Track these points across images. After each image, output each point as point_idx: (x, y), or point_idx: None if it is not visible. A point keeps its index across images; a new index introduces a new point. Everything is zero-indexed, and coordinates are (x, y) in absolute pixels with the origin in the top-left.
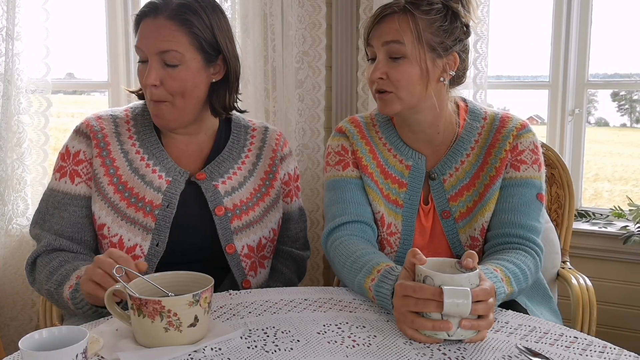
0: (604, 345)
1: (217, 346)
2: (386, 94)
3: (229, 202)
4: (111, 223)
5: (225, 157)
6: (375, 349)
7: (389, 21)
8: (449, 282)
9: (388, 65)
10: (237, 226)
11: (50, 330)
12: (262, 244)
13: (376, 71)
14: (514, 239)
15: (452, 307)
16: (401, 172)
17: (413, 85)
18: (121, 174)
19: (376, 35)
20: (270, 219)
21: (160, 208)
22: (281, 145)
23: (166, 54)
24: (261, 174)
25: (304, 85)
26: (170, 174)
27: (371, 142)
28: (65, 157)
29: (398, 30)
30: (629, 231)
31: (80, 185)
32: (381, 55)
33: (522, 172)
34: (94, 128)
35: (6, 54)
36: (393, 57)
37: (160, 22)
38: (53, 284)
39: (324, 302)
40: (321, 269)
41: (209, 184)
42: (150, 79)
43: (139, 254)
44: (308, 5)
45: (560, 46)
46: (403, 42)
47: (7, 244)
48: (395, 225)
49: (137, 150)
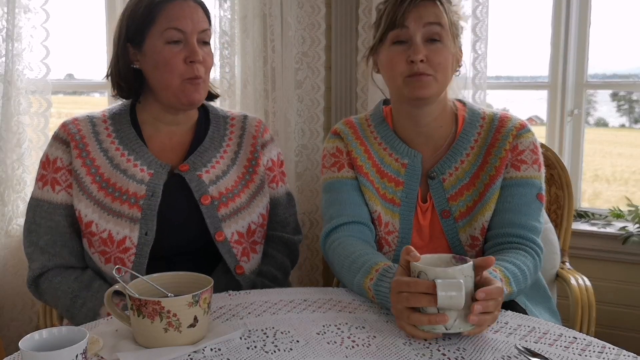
0: (603, 346)
1: (216, 347)
2: (425, 76)
3: (215, 190)
4: (98, 219)
5: (206, 147)
6: (375, 350)
7: (427, 6)
8: (443, 275)
9: (427, 47)
10: (225, 213)
11: (50, 330)
12: (252, 230)
13: (418, 53)
14: (514, 239)
15: (445, 299)
16: (397, 171)
17: (447, 70)
18: (103, 172)
19: (415, 17)
20: (257, 204)
21: (144, 198)
22: (261, 132)
23: (204, 33)
24: (244, 161)
25: (303, 86)
26: (151, 167)
27: (366, 142)
28: (45, 165)
29: (437, 14)
30: (628, 231)
31: (61, 193)
32: (419, 37)
33: (523, 172)
34: (71, 131)
35: (6, 55)
36: (432, 39)
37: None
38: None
39: (324, 303)
40: (320, 270)
41: (192, 174)
42: (199, 55)
43: (130, 246)
44: (307, 6)
45: (560, 46)
46: (444, 25)
47: (7, 244)
48: (392, 224)
49: (116, 148)
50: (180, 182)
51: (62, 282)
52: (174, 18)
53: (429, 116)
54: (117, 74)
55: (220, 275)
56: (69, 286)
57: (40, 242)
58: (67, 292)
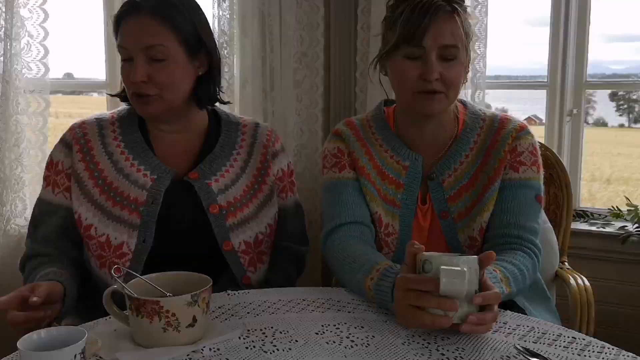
0: (603, 346)
1: (215, 346)
2: (437, 94)
3: (223, 199)
4: (98, 223)
5: (216, 154)
6: (374, 349)
7: (445, 21)
8: (447, 263)
9: (441, 65)
10: (233, 223)
11: (48, 330)
12: (259, 240)
13: (433, 72)
14: (512, 240)
15: (448, 285)
16: (398, 173)
17: (459, 85)
18: (106, 175)
19: (432, 35)
20: (265, 214)
21: (145, 205)
22: (272, 141)
23: (152, 49)
24: (253, 170)
25: (302, 86)
26: (155, 172)
27: (367, 143)
28: (49, 167)
29: (453, 34)
30: (627, 231)
31: (59, 195)
32: (434, 55)
33: (521, 173)
34: (77, 134)
35: (4, 54)
36: (447, 58)
37: (143, 19)
38: None
39: (323, 303)
40: (320, 270)
41: (202, 182)
42: (138, 75)
43: (126, 252)
44: (306, 5)
45: (559, 46)
46: (459, 47)
47: (5, 244)
48: (392, 225)
49: (122, 151)
50: (186, 189)
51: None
52: (123, 35)
53: (434, 123)
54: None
55: (225, 285)
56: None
57: (38, 234)
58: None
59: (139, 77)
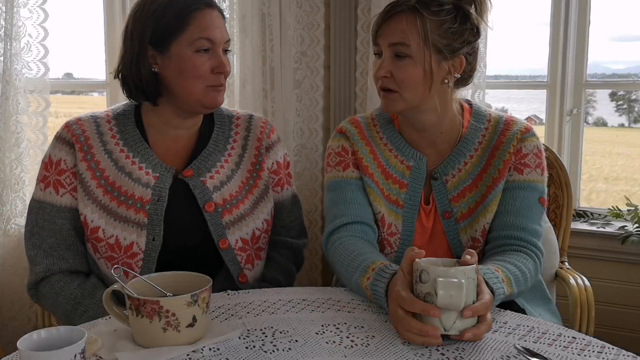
0: (603, 346)
1: (215, 346)
2: (390, 93)
3: (219, 197)
4: (105, 225)
5: (210, 150)
6: (374, 349)
7: (397, 20)
8: (444, 275)
9: (393, 64)
10: (229, 220)
11: (48, 330)
12: (257, 236)
13: (381, 69)
14: (515, 241)
15: (445, 298)
16: (402, 173)
17: (416, 86)
18: (108, 174)
19: (383, 34)
20: (261, 210)
21: (150, 203)
22: (266, 133)
23: (228, 43)
24: (248, 165)
25: (302, 86)
26: (156, 170)
27: (372, 142)
28: (48, 167)
29: (404, 31)
30: (627, 231)
31: (65, 196)
32: (387, 53)
33: (526, 175)
34: (75, 132)
35: (4, 54)
36: (398, 55)
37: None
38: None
39: (322, 302)
40: (320, 269)
41: (196, 180)
42: (226, 67)
43: (137, 251)
44: (306, 5)
45: (559, 46)
46: (409, 44)
47: (5, 244)
48: (395, 225)
49: (121, 149)
50: (184, 186)
51: (65, 288)
52: (205, 28)
53: (425, 124)
54: (136, 76)
55: (222, 282)
56: (72, 292)
57: (44, 245)
58: (69, 298)
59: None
